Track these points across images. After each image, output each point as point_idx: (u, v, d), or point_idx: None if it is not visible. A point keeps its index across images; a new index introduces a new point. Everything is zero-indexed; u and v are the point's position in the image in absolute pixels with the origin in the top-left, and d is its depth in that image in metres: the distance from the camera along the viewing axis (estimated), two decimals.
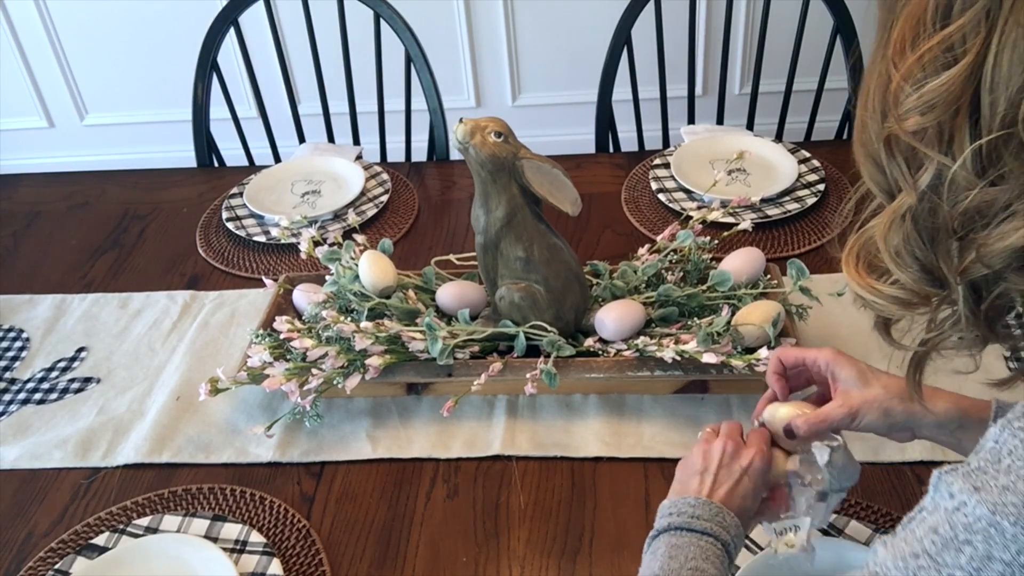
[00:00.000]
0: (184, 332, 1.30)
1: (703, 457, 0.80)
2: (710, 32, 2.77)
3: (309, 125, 2.00)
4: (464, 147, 1.05)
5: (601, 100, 1.78)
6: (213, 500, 1.04)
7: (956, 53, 0.45)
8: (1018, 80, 0.43)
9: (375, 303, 1.16)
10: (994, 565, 0.43)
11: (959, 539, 0.45)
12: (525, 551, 0.96)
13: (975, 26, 0.44)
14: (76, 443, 1.13)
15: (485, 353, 1.14)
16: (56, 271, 1.48)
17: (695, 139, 1.64)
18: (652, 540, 0.76)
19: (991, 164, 0.45)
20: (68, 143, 3.16)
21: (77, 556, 0.98)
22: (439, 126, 1.78)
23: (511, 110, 2.96)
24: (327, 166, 1.66)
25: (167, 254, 1.49)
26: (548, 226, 1.12)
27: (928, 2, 0.46)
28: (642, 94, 1.82)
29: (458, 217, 1.52)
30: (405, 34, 1.75)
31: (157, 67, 2.93)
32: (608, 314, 1.12)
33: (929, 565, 0.46)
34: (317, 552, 0.97)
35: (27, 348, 1.31)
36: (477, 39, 2.83)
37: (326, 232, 1.38)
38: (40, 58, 2.97)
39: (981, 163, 0.45)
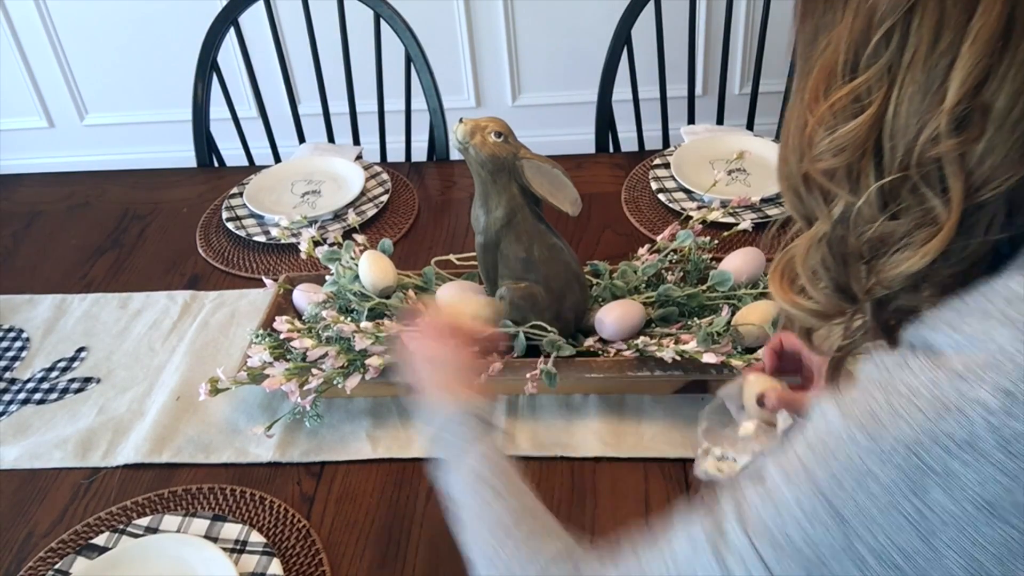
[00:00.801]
0: (184, 332, 1.30)
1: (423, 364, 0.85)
2: (710, 32, 2.77)
3: (309, 125, 2.00)
4: (464, 147, 1.05)
5: (601, 100, 1.78)
6: (213, 500, 1.04)
7: (863, 103, 0.51)
8: (913, 129, 0.49)
9: (375, 303, 1.16)
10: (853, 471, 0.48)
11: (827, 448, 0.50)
12: None
13: (879, 79, 0.50)
14: (76, 443, 1.13)
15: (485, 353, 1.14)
16: (56, 271, 1.48)
17: (695, 139, 1.64)
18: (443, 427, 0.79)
19: (891, 201, 0.51)
20: (68, 143, 3.16)
21: (77, 556, 0.98)
22: (439, 126, 1.78)
23: (511, 110, 2.96)
24: (327, 166, 1.66)
25: (167, 254, 1.49)
26: (548, 226, 1.12)
27: (839, 56, 0.51)
28: (642, 94, 1.82)
29: (458, 217, 1.52)
30: (405, 34, 1.75)
31: (157, 67, 2.93)
32: (608, 314, 1.12)
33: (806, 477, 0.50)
34: (317, 552, 0.97)
35: (27, 348, 1.31)
36: (477, 39, 2.83)
37: (326, 232, 1.38)
38: (40, 58, 2.97)
39: (883, 200, 0.51)
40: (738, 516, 0.53)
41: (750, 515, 0.52)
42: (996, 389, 0.45)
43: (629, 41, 1.75)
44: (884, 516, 0.47)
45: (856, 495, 0.48)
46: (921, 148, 0.49)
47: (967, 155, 0.48)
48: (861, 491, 0.48)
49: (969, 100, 0.47)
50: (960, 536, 0.46)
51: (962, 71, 0.46)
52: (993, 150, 0.47)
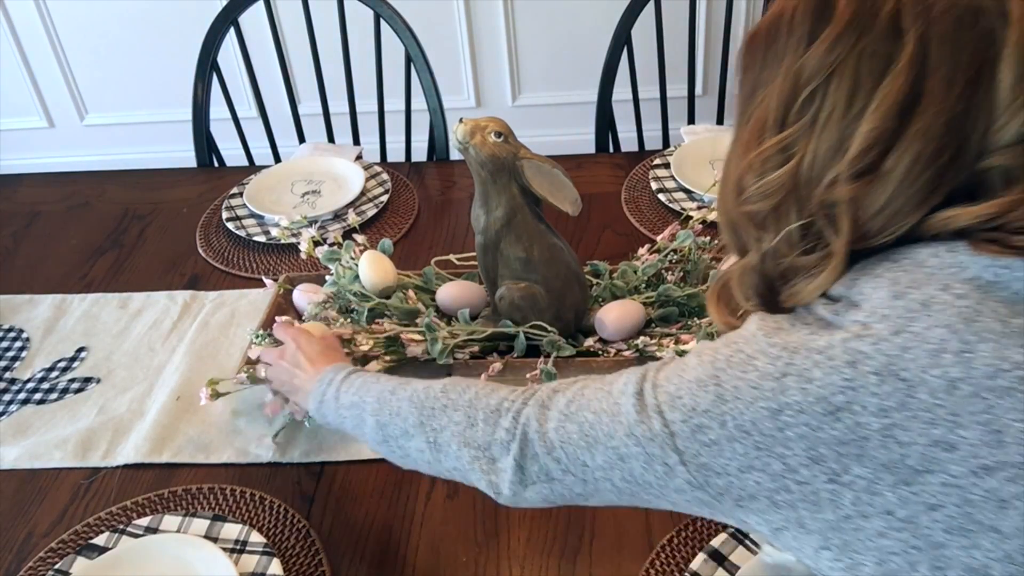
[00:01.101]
0: (184, 332, 1.30)
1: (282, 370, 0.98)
2: (710, 32, 2.77)
3: (309, 125, 2.00)
4: (464, 147, 1.05)
5: (601, 100, 1.78)
6: (213, 500, 1.04)
7: (788, 154, 0.58)
8: (823, 178, 0.57)
9: (375, 303, 1.16)
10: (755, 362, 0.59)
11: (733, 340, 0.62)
12: (525, 551, 0.96)
13: (804, 134, 0.57)
14: (76, 443, 1.13)
15: (485, 353, 1.14)
16: (56, 271, 1.48)
17: (695, 139, 1.64)
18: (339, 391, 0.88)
19: (804, 239, 0.60)
20: (68, 143, 3.16)
21: (77, 556, 0.98)
22: (439, 126, 1.78)
23: (511, 110, 2.96)
24: (327, 166, 1.66)
25: (167, 254, 1.49)
26: (548, 226, 1.12)
27: (770, 111, 0.59)
28: (642, 94, 1.82)
29: (458, 217, 1.52)
30: (405, 34, 1.75)
31: (157, 67, 2.93)
32: (608, 314, 1.12)
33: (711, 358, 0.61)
34: (317, 552, 0.97)
35: (27, 348, 1.31)
36: (477, 39, 2.83)
37: (326, 232, 1.38)
38: (40, 58, 2.97)
39: (798, 238, 0.60)
40: (655, 377, 0.64)
41: (661, 376, 0.64)
42: (855, 323, 0.56)
43: (629, 41, 1.75)
44: (750, 393, 0.57)
45: (737, 375, 0.58)
46: (824, 193, 0.57)
47: (860, 200, 0.56)
48: (742, 374, 0.58)
49: (868, 156, 0.55)
50: (802, 424, 0.55)
51: (864, 129, 0.54)
52: (890, 203, 0.55)
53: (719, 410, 0.58)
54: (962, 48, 0.52)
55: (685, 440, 0.60)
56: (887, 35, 0.54)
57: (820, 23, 0.56)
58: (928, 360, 0.52)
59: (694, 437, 0.59)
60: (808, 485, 0.56)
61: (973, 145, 0.54)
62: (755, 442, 0.57)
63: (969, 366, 0.52)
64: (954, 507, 0.52)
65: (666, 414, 0.61)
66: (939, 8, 0.53)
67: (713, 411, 0.59)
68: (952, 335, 0.52)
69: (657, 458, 0.62)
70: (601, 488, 0.68)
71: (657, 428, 0.61)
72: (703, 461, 0.60)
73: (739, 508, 0.60)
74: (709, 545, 0.92)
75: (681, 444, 0.60)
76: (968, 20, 0.52)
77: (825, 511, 0.56)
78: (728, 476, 0.59)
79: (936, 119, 0.53)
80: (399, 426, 0.81)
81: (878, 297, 0.55)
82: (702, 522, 0.95)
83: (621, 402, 0.65)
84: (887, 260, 0.57)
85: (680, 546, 0.93)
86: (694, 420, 0.59)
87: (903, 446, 0.53)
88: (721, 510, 0.62)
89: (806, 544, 0.58)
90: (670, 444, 0.61)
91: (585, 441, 0.67)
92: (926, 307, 0.53)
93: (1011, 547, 0.51)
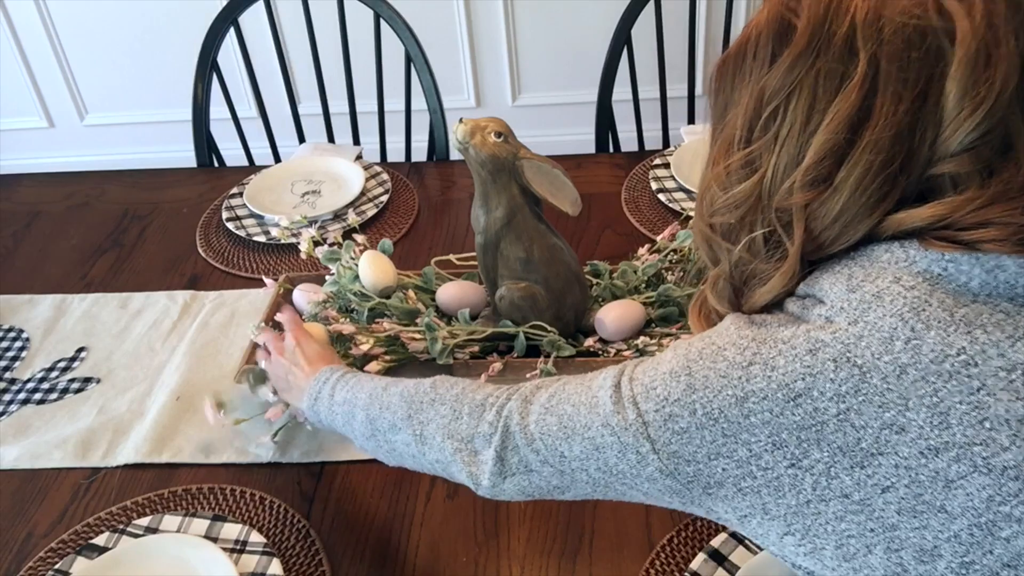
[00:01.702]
0: (184, 332, 1.30)
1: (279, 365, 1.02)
2: (710, 32, 2.78)
3: (309, 125, 2.00)
4: (464, 147, 1.05)
5: (601, 100, 1.78)
6: (213, 500, 1.04)
7: (753, 168, 0.62)
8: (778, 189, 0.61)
9: (375, 303, 1.16)
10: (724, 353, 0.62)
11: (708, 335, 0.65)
12: (525, 551, 0.96)
13: (767, 149, 0.61)
14: (76, 443, 1.13)
15: (485, 353, 1.14)
16: (56, 271, 1.48)
17: (695, 139, 1.64)
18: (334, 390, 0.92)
19: (767, 247, 0.64)
20: (68, 143, 3.16)
21: (77, 556, 0.98)
22: (439, 126, 1.78)
23: (511, 110, 2.96)
24: (327, 166, 1.66)
25: (167, 254, 1.49)
26: (548, 226, 1.12)
27: (737, 129, 0.63)
28: (642, 94, 1.82)
29: (458, 217, 1.52)
30: (405, 34, 1.75)
31: (157, 67, 2.93)
32: (608, 314, 1.12)
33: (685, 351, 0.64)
34: (317, 552, 0.97)
35: (27, 348, 1.31)
36: (477, 39, 2.83)
37: (326, 232, 1.38)
38: (40, 58, 2.97)
39: (763, 246, 0.64)
40: (632, 371, 0.67)
41: (639, 370, 0.67)
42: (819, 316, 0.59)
43: (629, 41, 1.75)
44: (719, 382, 0.60)
45: (708, 366, 0.61)
46: (781, 200, 0.61)
47: (814, 209, 0.59)
48: (712, 364, 0.61)
49: (821, 166, 0.58)
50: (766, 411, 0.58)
51: (819, 141, 0.58)
52: (844, 212, 0.59)
53: (689, 399, 0.61)
54: (910, 66, 0.55)
55: (657, 429, 0.63)
56: (841, 55, 0.57)
57: (781, 46, 0.60)
58: (880, 347, 0.55)
59: (666, 426, 0.62)
60: (771, 471, 0.59)
61: (922, 155, 0.57)
62: (722, 429, 0.60)
63: (918, 352, 0.55)
64: (904, 488, 0.55)
65: (640, 404, 0.64)
66: (889, 29, 0.56)
67: (684, 400, 0.62)
68: (902, 323, 0.55)
69: (630, 447, 0.65)
70: (577, 479, 0.71)
71: (631, 418, 0.64)
72: (674, 449, 0.62)
73: (707, 496, 0.63)
74: (709, 545, 0.92)
75: (654, 433, 0.63)
76: (916, 40, 0.55)
77: (787, 496, 0.59)
78: (697, 463, 0.62)
79: (885, 132, 0.56)
80: (388, 420, 0.85)
81: (836, 291, 0.59)
82: (702, 522, 0.95)
83: (599, 395, 0.68)
84: (846, 258, 0.60)
85: (680, 546, 0.93)
86: (666, 409, 0.62)
87: (857, 429, 0.55)
88: (690, 498, 0.65)
89: (771, 530, 0.61)
90: (643, 433, 0.64)
91: (563, 432, 0.70)
92: (879, 298, 0.57)
93: (958, 527, 0.54)
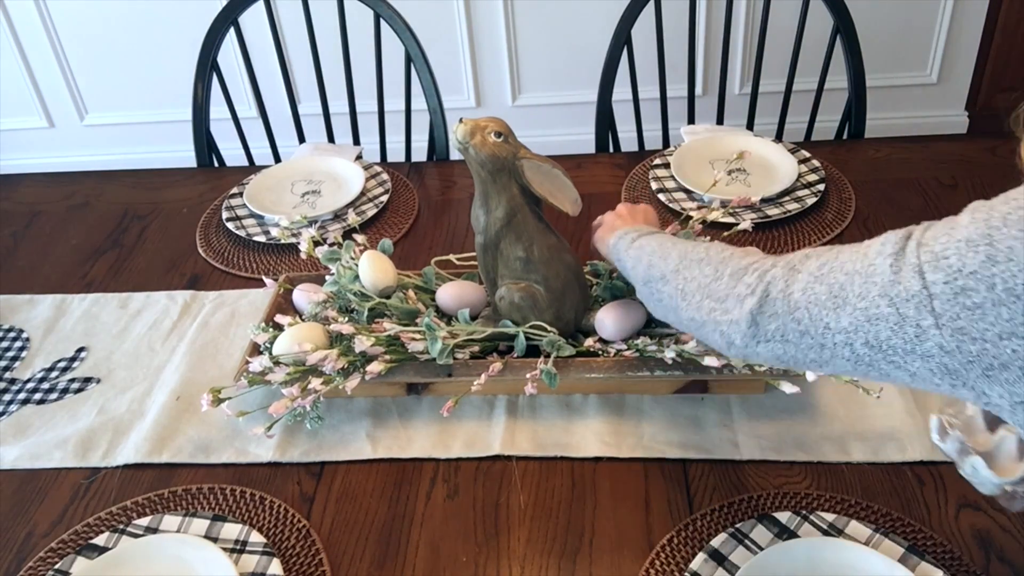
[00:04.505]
0: (184, 332, 1.30)
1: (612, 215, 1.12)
2: (710, 32, 2.78)
3: (309, 125, 2.00)
4: (464, 147, 1.05)
5: (601, 100, 1.78)
6: (213, 500, 1.04)
7: None
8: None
9: (375, 303, 1.16)
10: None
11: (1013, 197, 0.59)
12: (525, 551, 0.96)
13: None
14: (76, 443, 1.13)
15: (485, 353, 1.14)
16: (56, 271, 1.48)
17: (695, 139, 1.64)
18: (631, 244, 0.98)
19: None
20: (68, 143, 3.16)
21: (77, 556, 0.98)
22: (439, 126, 1.78)
23: (511, 110, 2.96)
24: (327, 166, 1.66)
25: (167, 254, 1.50)
26: (548, 226, 1.12)
27: None
28: (642, 94, 1.82)
29: (458, 217, 1.52)
30: (405, 34, 1.75)
31: (157, 67, 2.93)
32: (608, 314, 1.12)
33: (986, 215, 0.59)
34: (317, 552, 0.97)
35: (27, 348, 1.31)
36: (477, 39, 2.83)
37: (326, 232, 1.38)
38: (40, 58, 2.97)
39: None
40: (921, 236, 0.62)
41: (928, 235, 0.61)
42: None
43: (629, 41, 1.75)
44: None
45: (1014, 235, 0.55)
46: None
47: None
48: (1020, 232, 0.55)
49: None
50: None
51: None
52: None
53: (988, 272, 0.56)
54: None
55: (945, 302, 0.58)
56: None
57: None
58: None
59: (956, 300, 0.57)
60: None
61: None
62: (1023, 307, 0.55)
63: None
64: None
65: (927, 275, 0.59)
66: None
67: (982, 272, 0.56)
68: None
69: (910, 320, 0.60)
70: (838, 354, 0.67)
71: (916, 288, 0.60)
72: (960, 325, 0.58)
73: (985, 378, 0.58)
74: (709, 545, 0.92)
75: (939, 306, 0.58)
76: None
77: None
78: (984, 343, 0.57)
79: None
80: (660, 270, 0.88)
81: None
82: (702, 522, 0.95)
83: (876, 263, 0.63)
84: None
85: (680, 546, 0.93)
86: (959, 282, 0.57)
87: None
88: (963, 380, 0.60)
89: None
90: (927, 306, 0.59)
91: (833, 302, 0.66)
92: None
93: None
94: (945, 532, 0.93)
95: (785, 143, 1.59)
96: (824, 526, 0.93)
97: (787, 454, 1.03)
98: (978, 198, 0.61)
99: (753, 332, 0.72)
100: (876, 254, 0.64)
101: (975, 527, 0.93)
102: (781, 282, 0.71)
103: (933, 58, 2.86)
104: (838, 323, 0.65)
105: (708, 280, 0.80)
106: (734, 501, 0.98)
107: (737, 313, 0.74)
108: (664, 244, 0.92)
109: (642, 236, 0.98)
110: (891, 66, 2.84)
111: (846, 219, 1.41)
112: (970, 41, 2.81)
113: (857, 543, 0.90)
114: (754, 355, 0.74)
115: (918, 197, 1.45)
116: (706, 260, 0.82)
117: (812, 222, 1.42)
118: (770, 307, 0.71)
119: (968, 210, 0.60)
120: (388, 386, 1.13)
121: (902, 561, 0.88)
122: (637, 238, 0.98)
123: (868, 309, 0.63)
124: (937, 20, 2.78)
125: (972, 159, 1.54)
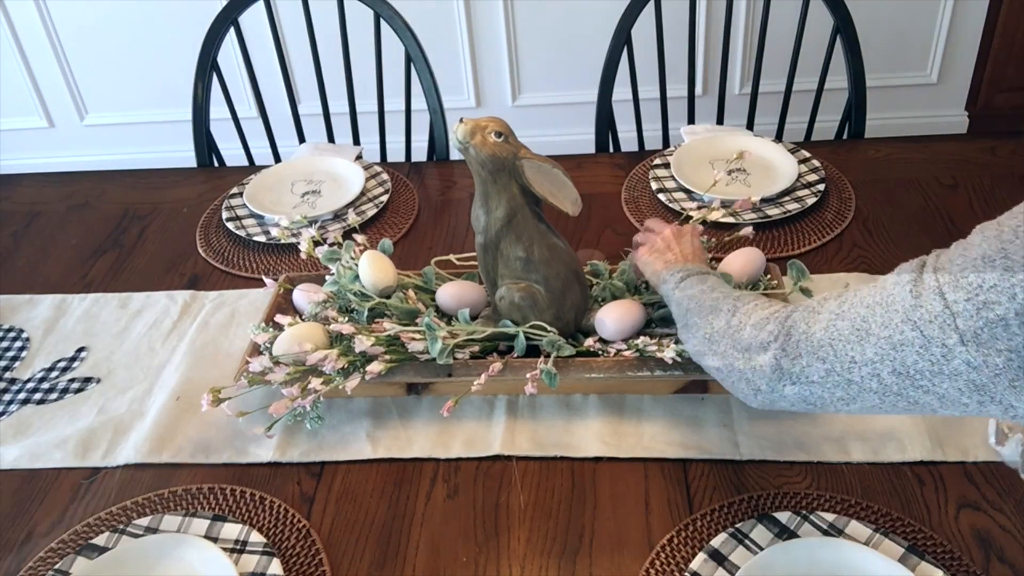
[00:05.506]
0: (184, 332, 1.30)
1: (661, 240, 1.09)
2: (710, 32, 2.78)
3: (309, 125, 2.00)
4: (464, 147, 1.05)
5: (601, 100, 1.78)
6: (213, 500, 1.04)
7: None
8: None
9: (375, 303, 1.16)
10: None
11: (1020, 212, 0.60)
12: (525, 551, 0.96)
13: None
14: (76, 443, 1.13)
15: (485, 353, 1.14)
16: (56, 271, 1.48)
17: (695, 139, 1.64)
18: (677, 286, 0.98)
19: None
20: (68, 143, 3.16)
21: (77, 556, 0.98)
22: (439, 126, 1.78)
23: (511, 110, 2.96)
24: (327, 166, 1.66)
25: (167, 254, 1.50)
26: (548, 226, 1.12)
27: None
28: (642, 94, 1.82)
29: (458, 217, 1.52)
30: (405, 34, 1.75)
31: (157, 67, 2.93)
32: (608, 314, 1.12)
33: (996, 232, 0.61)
34: (317, 552, 0.97)
35: (27, 348, 1.31)
36: (477, 39, 2.83)
37: (326, 232, 1.38)
38: (40, 58, 2.97)
39: None
40: (935, 262, 0.64)
41: (943, 259, 0.63)
42: None
43: (629, 41, 1.75)
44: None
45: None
46: None
47: None
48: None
49: None
50: None
51: None
52: None
53: (1008, 283, 0.57)
54: None
55: (968, 319, 0.59)
56: None
57: None
58: None
59: (979, 315, 0.59)
60: None
61: None
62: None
63: None
64: None
65: (948, 295, 0.61)
66: None
67: (1001, 285, 0.58)
68: None
69: (935, 340, 0.61)
70: (866, 388, 0.68)
71: (938, 309, 0.61)
72: (985, 339, 0.59)
73: (1012, 389, 0.59)
74: (709, 545, 0.92)
75: (963, 324, 0.60)
76: None
77: None
78: (1010, 353, 0.58)
79: None
80: (695, 316, 0.90)
81: None
82: (702, 522, 0.95)
83: (895, 292, 0.65)
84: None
85: (680, 546, 0.93)
86: (980, 297, 0.59)
87: None
88: (991, 394, 0.61)
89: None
90: (950, 324, 0.60)
91: (856, 335, 0.67)
92: None
93: None
94: (945, 532, 0.93)
95: (785, 143, 1.59)
96: (824, 526, 0.93)
97: (787, 454, 1.03)
98: (978, 198, 0.62)
99: (778, 376, 0.73)
100: (894, 284, 0.66)
101: (975, 527, 0.93)
102: (802, 324, 0.73)
103: (933, 58, 2.86)
104: (863, 355, 0.66)
105: (733, 331, 0.82)
106: (734, 501, 0.98)
107: (761, 360, 0.75)
108: (703, 292, 0.93)
109: (688, 277, 0.98)
110: (891, 66, 2.85)
111: (846, 219, 1.41)
112: (970, 41, 2.81)
113: (857, 543, 0.90)
114: (781, 400, 0.75)
115: (918, 197, 1.45)
116: (732, 311, 0.85)
117: (812, 222, 1.42)
118: (793, 349, 0.72)
119: (977, 230, 0.62)
120: (388, 386, 1.13)
121: (902, 561, 0.88)
122: (683, 280, 0.98)
123: (892, 336, 0.64)
124: (937, 20, 2.78)
125: (972, 159, 1.54)
